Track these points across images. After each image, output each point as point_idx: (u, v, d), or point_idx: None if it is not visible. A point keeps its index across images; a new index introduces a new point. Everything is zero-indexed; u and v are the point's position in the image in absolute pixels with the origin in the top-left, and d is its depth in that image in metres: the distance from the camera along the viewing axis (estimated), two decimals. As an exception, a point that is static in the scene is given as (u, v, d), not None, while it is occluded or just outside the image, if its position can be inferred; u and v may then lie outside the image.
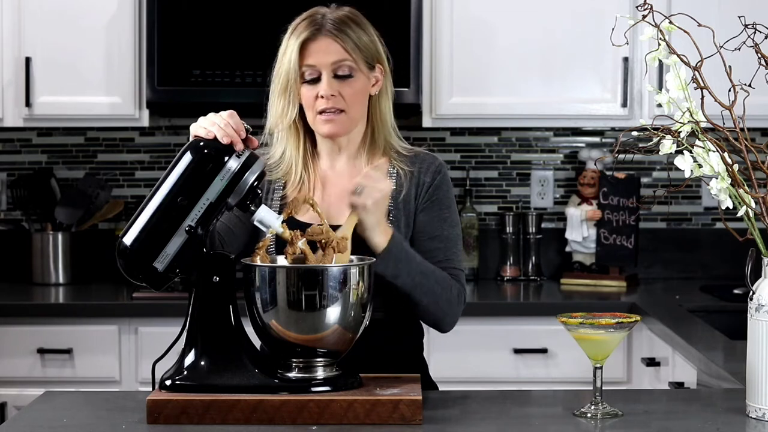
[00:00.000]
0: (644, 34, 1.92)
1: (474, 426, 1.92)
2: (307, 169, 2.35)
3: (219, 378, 1.97)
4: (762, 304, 1.91)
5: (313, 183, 2.35)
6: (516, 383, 3.54)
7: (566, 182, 4.24)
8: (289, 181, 2.35)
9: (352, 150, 2.36)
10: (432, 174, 2.35)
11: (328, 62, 2.27)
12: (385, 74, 2.35)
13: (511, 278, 4.15)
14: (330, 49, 2.27)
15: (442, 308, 2.27)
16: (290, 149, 2.35)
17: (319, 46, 2.27)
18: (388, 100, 2.37)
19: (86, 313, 3.59)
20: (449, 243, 2.33)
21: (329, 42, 2.27)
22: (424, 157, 2.37)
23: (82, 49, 3.81)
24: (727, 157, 1.90)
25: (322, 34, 2.27)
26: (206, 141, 2.03)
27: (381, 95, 2.35)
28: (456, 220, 2.37)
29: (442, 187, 2.35)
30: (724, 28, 1.92)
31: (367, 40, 2.31)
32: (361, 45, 2.29)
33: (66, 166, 4.19)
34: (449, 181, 2.38)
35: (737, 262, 2.19)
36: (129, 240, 1.99)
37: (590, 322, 1.96)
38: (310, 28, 2.27)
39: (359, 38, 2.29)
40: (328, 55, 2.27)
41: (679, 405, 2.12)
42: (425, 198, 2.33)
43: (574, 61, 3.85)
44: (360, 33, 2.30)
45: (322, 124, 2.29)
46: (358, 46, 2.28)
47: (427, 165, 2.36)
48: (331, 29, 2.27)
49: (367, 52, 2.30)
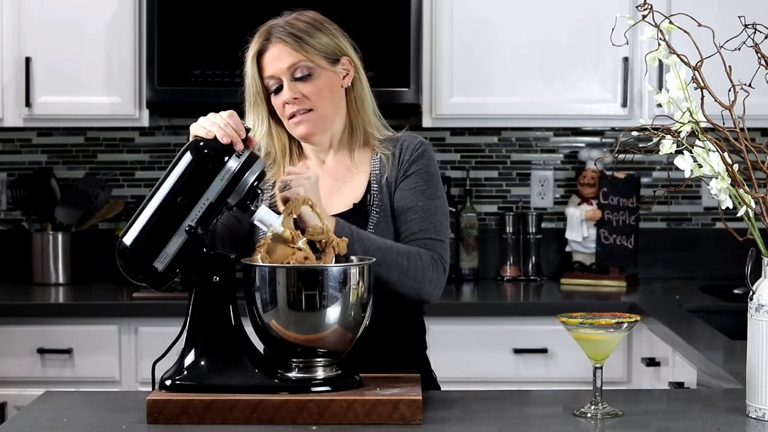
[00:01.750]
0: (644, 34, 1.92)
1: (474, 426, 1.92)
2: None
3: (219, 378, 1.97)
4: (762, 304, 1.91)
5: None
6: (516, 383, 3.54)
7: (566, 182, 4.24)
8: (278, 182, 2.37)
9: (335, 144, 2.39)
10: (410, 152, 2.37)
11: (284, 68, 2.30)
12: (354, 65, 2.36)
13: (511, 278, 4.15)
14: (282, 55, 2.30)
15: (416, 278, 2.24)
16: (277, 154, 2.39)
17: (272, 55, 2.31)
18: (363, 90, 2.39)
19: (86, 313, 3.59)
20: (425, 213, 2.31)
21: (280, 48, 2.30)
22: (404, 139, 2.40)
23: (82, 49, 3.81)
24: (727, 157, 1.90)
25: (271, 43, 2.31)
26: (206, 141, 2.03)
27: (354, 86, 2.37)
28: (435, 193, 2.35)
29: (419, 161, 2.36)
30: (724, 28, 1.92)
31: (322, 37, 2.32)
32: (314, 42, 2.31)
33: (66, 166, 4.19)
34: (430, 156, 2.39)
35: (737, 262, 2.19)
36: (129, 240, 1.99)
37: (590, 322, 1.96)
38: (260, 40, 2.33)
39: (311, 36, 2.31)
40: (282, 61, 2.30)
41: (679, 405, 2.12)
42: (401, 174, 2.35)
43: (574, 61, 3.85)
44: (312, 32, 2.32)
45: (295, 127, 2.33)
46: (310, 44, 2.30)
47: (407, 145, 2.38)
48: (280, 35, 2.30)
49: (324, 47, 2.32)
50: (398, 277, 2.23)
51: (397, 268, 2.23)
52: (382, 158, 2.37)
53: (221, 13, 3.75)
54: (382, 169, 2.36)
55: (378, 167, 2.37)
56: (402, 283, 2.24)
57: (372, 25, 3.73)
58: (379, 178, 2.35)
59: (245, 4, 3.73)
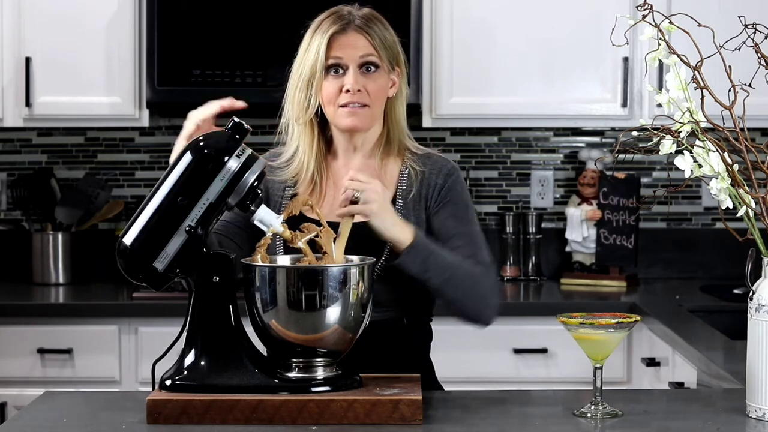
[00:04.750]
0: (644, 34, 1.92)
1: (474, 426, 1.92)
2: (320, 167, 2.34)
3: (219, 378, 1.97)
4: (762, 304, 1.91)
5: (325, 182, 2.34)
6: (516, 383, 3.54)
7: (566, 182, 4.24)
8: (299, 180, 2.34)
9: (367, 149, 2.35)
10: (444, 176, 2.33)
11: (356, 56, 2.27)
12: (401, 77, 2.35)
13: (511, 278, 4.15)
14: (358, 43, 2.27)
15: (478, 300, 2.24)
16: (303, 146, 2.34)
17: (348, 40, 2.27)
18: (403, 104, 2.37)
19: (86, 313, 3.59)
20: (471, 239, 2.29)
21: (358, 36, 2.28)
22: (436, 159, 2.36)
23: (82, 49, 3.81)
24: (727, 157, 1.90)
25: (351, 28, 2.28)
26: (206, 141, 2.03)
27: (397, 98, 2.35)
28: (474, 219, 2.34)
29: (455, 188, 2.34)
30: (724, 28, 1.92)
31: (391, 40, 2.32)
32: (386, 43, 2.30)
33: (66, 166, 4.19)
34: (463, 182, 2.37)
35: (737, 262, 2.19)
36: (129, 240, 1.99)
37: (590, 322, 1.96)
38: (339, 23, 2.28)
39: (385, 37, 2.30)
40: (357, 50, 2.27)
41: (679, 405, 2.12)
42: (437, 200, 2.31)
43: (574, 61, 3.85)
44: (385, 32, 2.31)
45: (345, 117, 2.27)
46: (383, 43, 2.29)
47: (439, 167, 2.34)
48: (360, 24, 2.28)
49: (391, 51, 2.31)
50: (461, 298, 2.22)
51: (463, 289, 2.21)
52: (411, 174, 2.33)
53: (221, 13, 3.75)
54: (409, 186, 2.32)
55: (405, 183, 2.33)
56: (465, 304, 2.23)
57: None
58: (405, 194, 2.31)
59: (245, 4, 3.73)
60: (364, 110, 2.27)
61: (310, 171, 2.33)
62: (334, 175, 2.35)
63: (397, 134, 2.36)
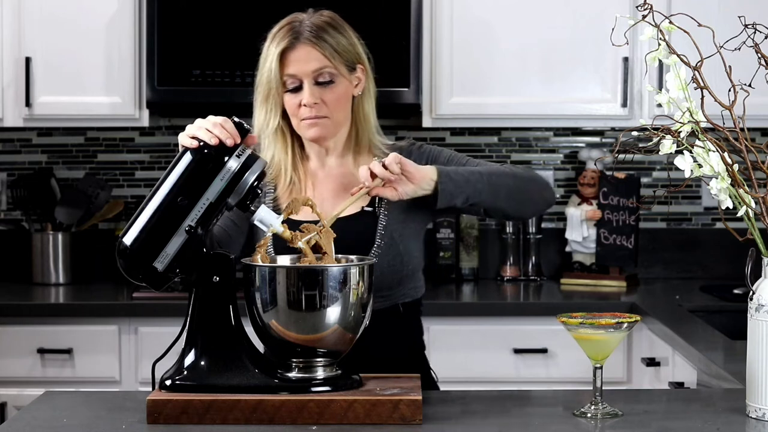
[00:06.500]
0: (644, 34, 1.92)
1: (474, 426, 1.92)
2: (297, 170, 2.38)
3: (219, 378, 1.97)
4: (762, 304, 1.91)
5: (303, 183, 2.38)
6: (516, 383, 3.54)
7: (566, 182, 4.24)
8: (279, 184, 2.38)
9: (339, 150, 2.39)
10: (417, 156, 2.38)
11: (309, 71, 2.29)
12: (366, 74, 2.37)
13: (511, 278, 4.15)
14: (309, 57, 2.29)
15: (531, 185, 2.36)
16: (278, 153, 2.37)
17: (299, 54, 2.28)
18: (371, 100, 2.40)
19: (86, 313, 3.59)
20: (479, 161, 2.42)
21: (308, 50, 2.29)
22: (408, 148, 2.41)
23: (82, 49, 3.81)
24: (727, 157, 1.90)
25: (300, 42, 2.29)
26: (206, 141, 2.03)
27: (364, 95, 2.38)
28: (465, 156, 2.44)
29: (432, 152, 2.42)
30: (724, 28, 1.92)
31: (345, 43, 2.32)
32: (340, 49, 2.31)
33: (66, 166, 4.19)
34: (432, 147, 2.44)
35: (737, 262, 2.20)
36: (129, 240, 1.99)
37: (590, 322, 1.96)
38: (288, 37, 2.29)
39: (338, 43, 2.31)
40: (308, 64, 2.28)
41: (679, 405, 2.12)
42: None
43: (574, 61, 3.85)
44: (338, 37, 2.31)
45: (307, 129, 2.32)
46: (337, 50, 2.30)
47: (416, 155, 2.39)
48: (309, 37, 2.28)
49: (347, 55, 2.32)
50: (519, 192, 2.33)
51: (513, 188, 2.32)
52: None
53: (221, 13, 3.75)
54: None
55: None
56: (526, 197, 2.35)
57: (372, 25, 3.73)
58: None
59: (245, 4, 3.73)
60: (324, 121, 2.31)
61: (288, 174, 2.37)
62: (311, 177, 2.40)
63: (367, 132, 2.40)
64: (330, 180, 2.37)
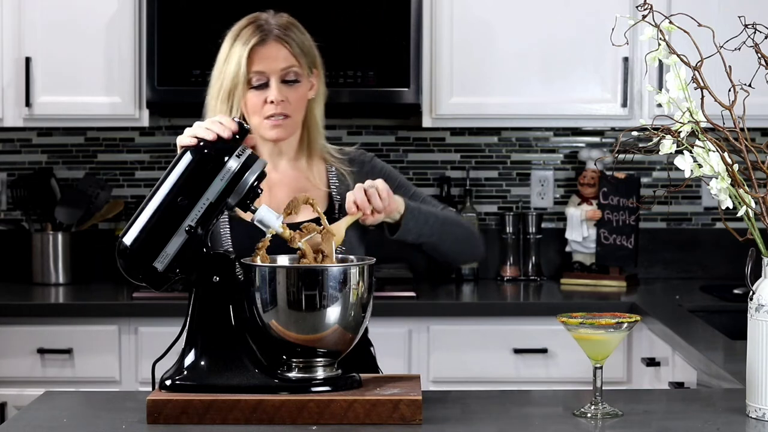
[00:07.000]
0: (644, 34, 1.92)
1: (474, 426, 1.92)
2: None
3: (219, 378, 1.97)
4: (762, 304, 1.91)
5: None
6: (516, 383, 3.54)
7: (566, 182, 4.24)
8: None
9: (291, 153, 2.42)
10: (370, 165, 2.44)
11: (277, 68, 2.31)
12: (319, 78, 2.40)
13: (511, 278, 4.15)
14: (279, 54, 2.31)
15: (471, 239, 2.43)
16: None
17: (269, 52, 2.31)
18: (321, 104, 2.44)
19: (86, 313, 3.59)
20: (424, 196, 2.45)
21: (278, 47, 2.31)
22: (360, 158, 2.45)
23: (82, 49, 3.81)
24: (727, 157, 1.90)
25: (270, 39, 2.31)
26: (206, 141, 2.03)
27: (316, 100, 2.42)
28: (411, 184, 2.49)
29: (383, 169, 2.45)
30: (724, 28, 1.92)
31: (308, 45, 2.37)
32: (305, 50, 2.35)
33: (66, 166, 4.19)
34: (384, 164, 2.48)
35: (737, 262, 2.19)
36: (129, 240, 1.99)
37: (590, 322, 1.96)
38: (258, 34, 2.31)
39: (303, 43, 2.35)
40: (278, 62, 2.31)
41: (679, 405, 2.12)
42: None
43: (574, 61, 3.85)
44: (302, 37, 2.36)
45: (269, 129, 2.33)
46: (302, 50, 2.34)
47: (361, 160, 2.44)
48: (279, 34, 2.32)
49: (309, 57, 2.36)
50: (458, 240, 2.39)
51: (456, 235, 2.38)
52: (339, 174, 2.41)
53: (221, 13, 3.75)
54: (341, 185, 2.40)
55: (337, 182, 2.41)
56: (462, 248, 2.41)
57: (372, 25, 3.73)
58: (342, 191, 2.37)
59: (245, 4, 3.72)
60: (287, 121, 2.34)
61: None
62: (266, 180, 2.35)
63: (316, 136, 2.42)
64: (284, 185, 2.40)
